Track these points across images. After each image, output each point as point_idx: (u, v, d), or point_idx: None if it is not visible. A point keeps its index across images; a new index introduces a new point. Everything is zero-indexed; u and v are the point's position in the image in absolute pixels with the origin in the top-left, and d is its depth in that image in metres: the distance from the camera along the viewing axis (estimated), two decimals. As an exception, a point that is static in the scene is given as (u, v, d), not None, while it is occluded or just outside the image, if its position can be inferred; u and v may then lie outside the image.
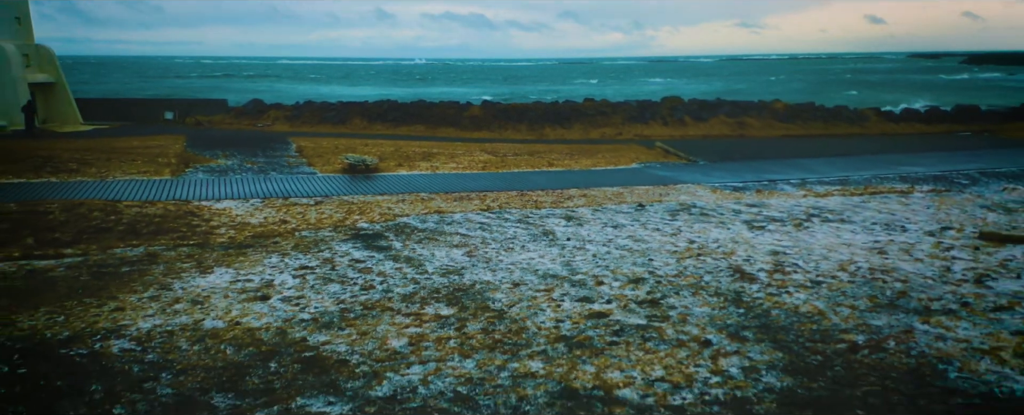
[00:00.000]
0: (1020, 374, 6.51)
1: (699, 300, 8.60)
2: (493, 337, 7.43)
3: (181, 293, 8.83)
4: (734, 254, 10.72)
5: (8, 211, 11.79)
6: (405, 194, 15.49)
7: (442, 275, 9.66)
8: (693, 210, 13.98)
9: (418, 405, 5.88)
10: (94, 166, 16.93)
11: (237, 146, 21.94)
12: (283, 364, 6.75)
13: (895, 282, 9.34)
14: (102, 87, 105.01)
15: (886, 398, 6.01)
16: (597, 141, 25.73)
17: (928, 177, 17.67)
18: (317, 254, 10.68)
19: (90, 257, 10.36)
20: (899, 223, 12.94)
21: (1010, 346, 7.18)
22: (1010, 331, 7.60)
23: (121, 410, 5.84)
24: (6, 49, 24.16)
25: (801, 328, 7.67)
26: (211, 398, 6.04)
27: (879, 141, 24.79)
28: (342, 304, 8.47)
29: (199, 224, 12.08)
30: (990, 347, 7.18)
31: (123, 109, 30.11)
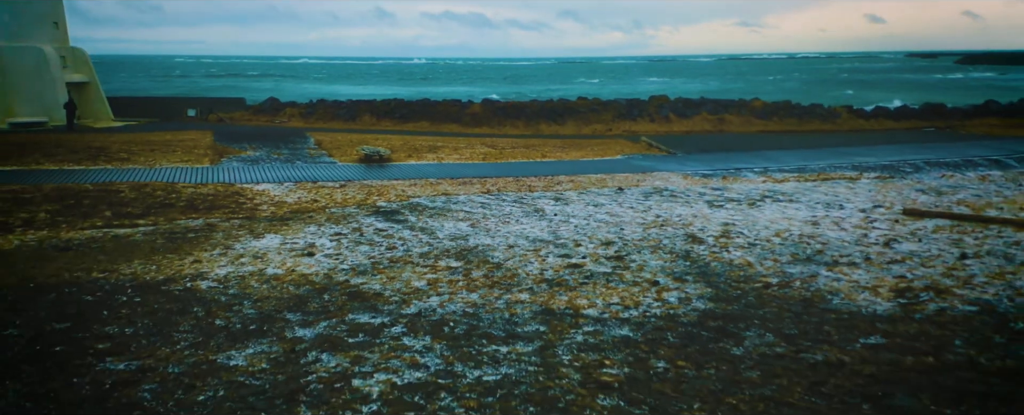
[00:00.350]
0: (885, 301, 8.72)
1: (655, 256, 10.80)
2: (492, 279, 9.64)
3: (242, 251, 11.04)
4: (691, 225, 12.92)
5: (86, 190, 13.98)
6: (415, 179, 17.69)
7: (451, 240, 11.86)
8: (664, 192, 16.18)
9: (437, 319, 8.09)
10: (141, 156, 19.15)
11: (261, 140, 24.15)
12: (333, 296, 8.95)
13: (817, 244, 11.55)
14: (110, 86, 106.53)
15: (780, 315, 8.22)
16: (588, 136, 27.92)
17: (878, 166, 19.86)
18: (347, 225, 12.88)
19: (160, 226, 12.57)
20: (839, 203, 15.14)
21: (888, 285, 9.39)
22: (893, 276, 9.81)
23: (222, 322, 8.05)
24: (46, 51, 26.42)
25: (730, 274, 9.88)
26: (284, 315, 8.24)
27: (847, 136, 26.99)
28: (372, 259, 10.67)
29: (244, 202, 14.29)
30: (872, 286, 9.39)
31: (148, 107, 32.33)
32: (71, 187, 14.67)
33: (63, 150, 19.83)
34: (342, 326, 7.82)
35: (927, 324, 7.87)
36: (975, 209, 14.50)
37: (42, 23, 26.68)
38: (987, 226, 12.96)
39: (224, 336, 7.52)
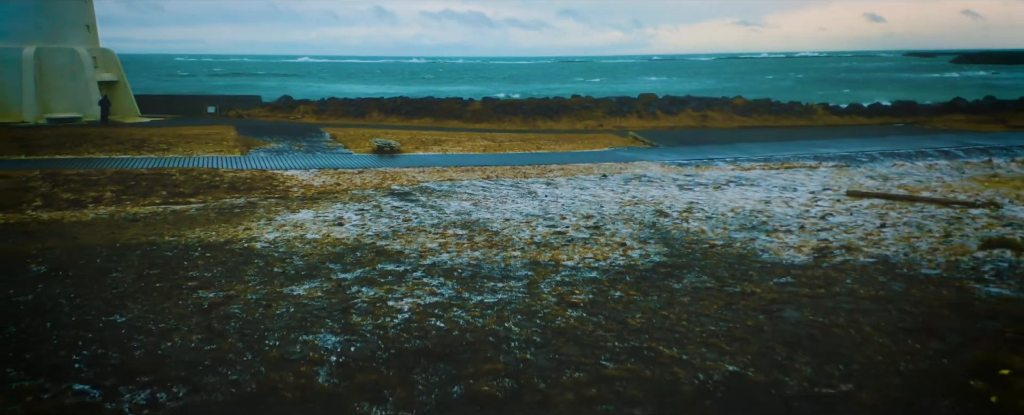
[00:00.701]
0: (804, 256, 10.93)
1: (626, 226, 13.02)
2: (491, 242, 11.84)
3: (283, 222, 13.25)
4: (661, 204, 15.13)
5: (142, 174, 16.16)
6: (423, 167, 19.89)
7: (456, 215, 14.06)
8: (643, 178, 18.40)
9: (448, 267, 10.29)
10: (178, 146, 21.36)
11: (281, 134, 26.36)
12: (363, 253, 11.15)
13: (764, 217, 13.76)
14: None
15: (716, 265, 10.42)
16: (581, 131, 30.10)
17: (838, 156, 22.05)
18: (367, 203, 15.09)
19: (209, 203, 14.79)
20: (793, 186, 17.35)
21: (810, 246, 11.61)
22: (818, 239, 12.02)
23: (279, 269, 10.25)
24: (79, 52, 28.64)
25: (685, 238, 12.09)
26: (327, 265, 10.44)
27: (819, 131, 29.17)
28: (392, 228, 12.88)
29: (277, 184, 16.51)
30: (798, 246, 11.60)
31: (170, 104, 34.53)
32: (129, 171, 16.88)
33: (110, 141, 22.07)
34: (374, 272, 10.03)
35: (830, 270, 10.09)
36: (911, 191, 16.71)
37: (75, 26, 28.92)
38: (914, 204, 15.18)
39: (283, 277, 9.74)
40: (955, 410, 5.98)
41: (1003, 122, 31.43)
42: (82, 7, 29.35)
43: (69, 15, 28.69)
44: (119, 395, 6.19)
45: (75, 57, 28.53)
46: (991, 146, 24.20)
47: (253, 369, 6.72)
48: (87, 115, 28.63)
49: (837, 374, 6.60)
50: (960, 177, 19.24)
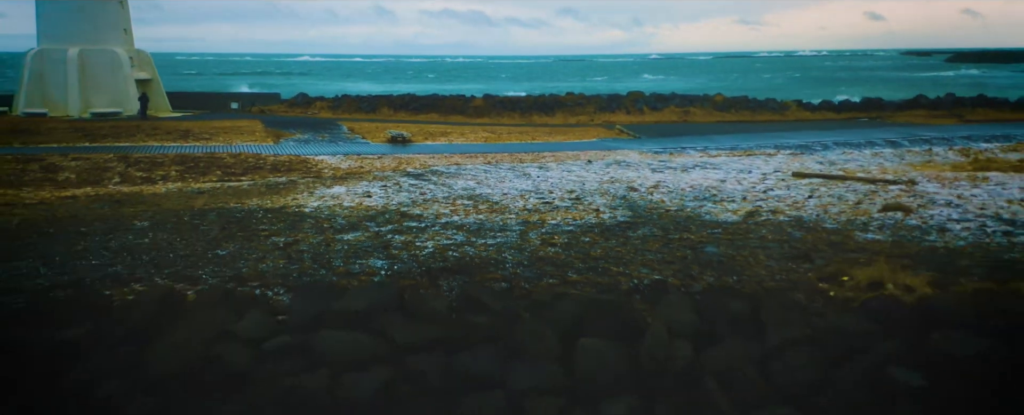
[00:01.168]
0: (737, 217, 13.88)
1: (602, 198, 15.98)
2: (492, 209, 14.80)
3: (322, 194, 16.21)
4: (634, 182, 18.09)
5: (198, 157, 19.13)
6: (433, 154, 22.85)
7: (463, 190, 17.02)
8: (622, 163, 21.36)
9: (459, 224, 13.25)
10: (219, 136, 24.34)
11: (303, 127, 29.32)
12: (391, 215, 14.11)
13: (715, 191, 16.72)
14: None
15: (666, 223, 13.37)
16: (573, 125, 33.06)
17: (797, 145, 25.01)
18: (388, 181, 18.05)
19: (258, 181, 17.76)
20: (749, 169, 20.30)
21: (745, 210, 14.57)
22: (752, 205, 14.98)
23: (327, 226, 13.21)
24: (118, 53, 31.59)
25: (647, 206, 15.05)
26: (364, 223, 13.40)
27: (789, 125, 32.11)
28: (411, 198, 15.85)
29: (311, 167, 19.49)
30: (735, 211, 14.56)
31: (197, 100, 37.50)
32: (186, 155, 19.83)
33: (160, 132, 25.04)
34: (401, 227, 13.01)
35: (752, 225, 13.07)
36: (847, 172, 19.67)
37: (114, 29, 31.86)
38: (845, 182, 18.14)
39: (332, 230, 12.71)
40: (802, 299, 8.97)
41: (959, 116, 34.38)
42: (120, 12, 32.33)
43: (108, 19, 31.67)
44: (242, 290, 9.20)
45: (115, 57, 31.53)
46: (936, 137, 27.16)
47: (328, 278, 9.71)
48: (126, 110, 31.61)
49: (730, 281, 9.59)
50: (898, 162, 22.19)
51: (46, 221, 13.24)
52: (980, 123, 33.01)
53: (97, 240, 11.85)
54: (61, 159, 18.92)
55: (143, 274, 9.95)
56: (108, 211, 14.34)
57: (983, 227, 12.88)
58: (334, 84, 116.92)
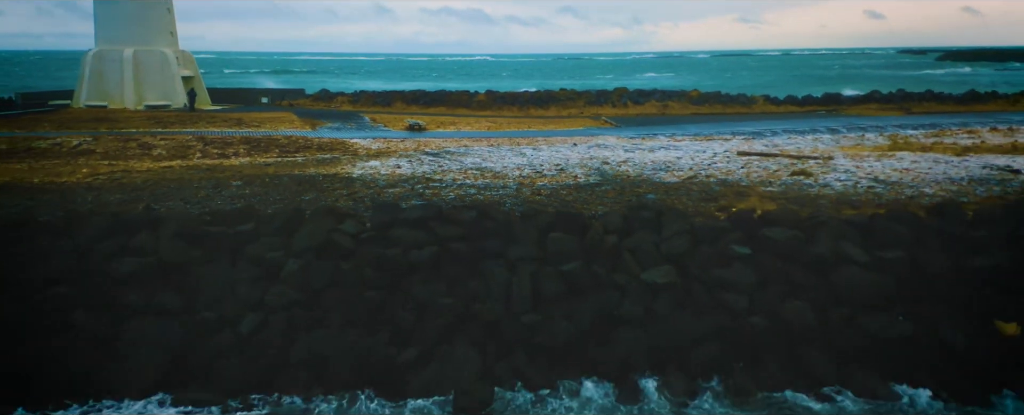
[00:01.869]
0: (676, 180, 18.45)
1: (581, 169, 20.55)
2: (495, 176, 19.37)
3: (362, 166, 20.79)
4: (608, 158, 22.67)
5: (258, 139, 23.74)
6: (445, 139, 27.38)
7: (471, 164, 21.58)
8: (601, 145, 25.93)
9: (471, 184, 17.84)
10: (265, 124, 28.90)
11: (331, 118, 33.84)
12: (418, 179, 18.69)
13: (670, 164, 21.29)
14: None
15: (624, 182, 17.96)
16: (565, 117, 37.55)
17: (751, 132, 29.51)
18: (412, 158, 22.61)
19: (309, 157, 22.33)
20: (704, 150, 24.86)
21: (685, 175, 19.14)
22: (692, 172, 19.55)
23: (374, 184, 17.80)
24: (167, 53, 36.16)
25: (614, 174, 19.63)
26: (400, 183, 17.99)
27: (754, 117, 36.61)
28: (432, 169, 20.42)
29: (347, 147, 24.06)
30: (679, 176, 19.15)
31: (230, 95, 42.03)
32: (248, 137, 24.39)
33: (218, 120, 29.61)
34: (428, 185, 17.60)
35: (686, 183, 17.65)
36: (782, 151, 24.22)
37: (163, 32, 36.39)
38: (775, 158, 22.69)
39: (376, 187, 17.29)
40: (692, 213, 13.52)
41: (905, 110, 38.89)
42: (168, 17, 36.86)
43: (158, 24, 36.20)
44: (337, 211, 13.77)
45: (164, 57, 36.08)
46: (872, 126, 31.69)
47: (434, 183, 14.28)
48: (174, 103, 36.18)
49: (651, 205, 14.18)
50: (832, 145, 26.71)
51: (164, 181, 17.83)
52: (923, 115, 37.52)
53: (212, 190, 16.45)
54: (151, 139, 23.49)
55: (260, 205, 14.52)
56: (204, 176, 18.92)
57: (856, 183, 17.50)
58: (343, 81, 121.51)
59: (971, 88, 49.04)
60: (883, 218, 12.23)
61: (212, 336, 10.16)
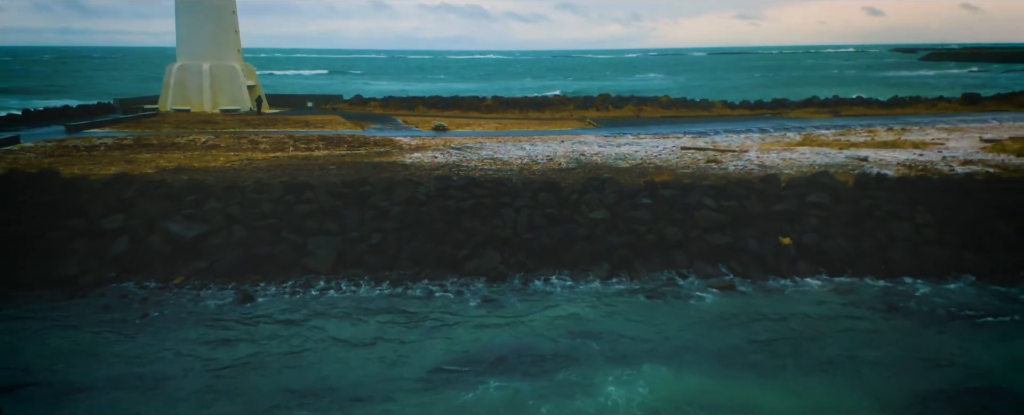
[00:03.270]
0: (629, 166, 27.19)
1: (564, 158, 29.27)
2: (503, 163, 28.07)
3: (409, 157, 29.50)
4: (584, 151, 31.37)
5: (329, 136, 32.48)
6: (464, 137, 36.02)
7: (486, 155, 30.27)
8: (581, 142, 34.61)
9: (487, 168, 26.57)
10: (326, 125, 37.46)
11: (370, 120, 42.42)
12: (452, 165, 27.40)
13: (628, 155, 30.00)
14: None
15: (596, 165, 26.70)
16: (557, 119, 46.19)
17: (699, 131, 38.11)
18: (443, 151, 31.29)
19: (368, 150, 31.05)
20: (657, 145, 33.55)
21: (636, 162, 27.87)
22: (641, 160, 28.27)
23: (422, 168, 26.55)
24: (236, 67, 44.79)
25: (587, 161, 28.34)
26: (437, 168, 26.71)
27: (710, 119, 45.21)
28: (458, 159, 29.12)
29: (395, 144, 32.76)
30: (630, 162, 27.88)
31: (281, 100, 50.64)
32: (322, 135, 33.07)
33: (292, 123, 38.28)
34: (459, 170, 26.33)
35: (632, 166, 26.38)
36: (714, 146, 32.89)
37: (232, 49, 44.94)
38: (705, 151, 31.39)
39: (426, 170, 26.02)
40: (627, 181, 22.23)
41: (836, 113, 47.52)
42: (235, 38, 45.42)
43: (229, 43, 44.78)
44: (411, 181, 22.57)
45: (233, 70, 44.67)
46: (796, 126, 40.34)
47: (464, 167, 23.03)
48: (242, 107, 44.78)
49: (601, 178, 22.92)
50: (757, 142, 35.41)
51: (281, 167, 26.49)
52: (849, 116, 46.16)
53: (320, 171, 25.16)
54: (254, 137, 32.21)
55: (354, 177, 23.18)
56: (306, 163, 27.60)
57: (746, 167, 26.21)
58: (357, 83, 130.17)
59: (919, 91, 57.82)
60: (731, 183, 20.90)
61: (357, 244, 18.75)
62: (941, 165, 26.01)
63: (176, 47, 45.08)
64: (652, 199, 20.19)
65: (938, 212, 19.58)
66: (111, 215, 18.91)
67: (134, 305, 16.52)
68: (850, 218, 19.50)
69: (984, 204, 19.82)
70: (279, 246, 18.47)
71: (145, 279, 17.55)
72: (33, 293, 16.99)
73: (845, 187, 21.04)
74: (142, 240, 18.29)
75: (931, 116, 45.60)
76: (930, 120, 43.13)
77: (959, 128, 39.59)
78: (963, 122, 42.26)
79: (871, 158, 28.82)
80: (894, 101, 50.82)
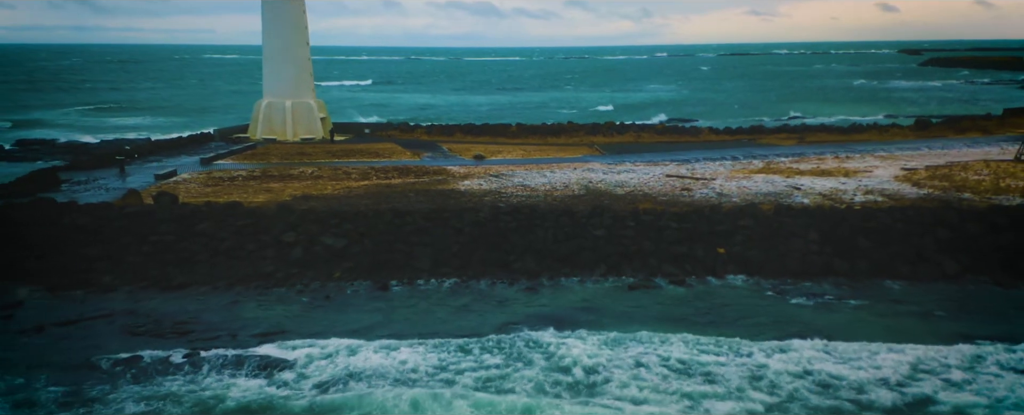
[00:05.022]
0: (624, 192, 37.51)
1: (576, 185, 39.62)
2: (532, 189, 38.45)
3: (460, 184, 39.94)
4: (591, 179, 41.71)
5: (398, 167, 42.91)
6: (499, 166, 46.34)
7: (518, 183, 40.62)
8: (590, 170, 44.94)
9: (520, 195, 36.99)
10: (393, 155, 47.94)
11: (421, 147, 52.79)
12: (493, 191, 37.81)
13: (624, 183, 40.34)
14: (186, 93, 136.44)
15: (599, 191, 37.05)
16: (570, 144, 56.41)
17: (684, 159, 48.16)
18: (484, 179, 41.65)
19: (431, 178, 41.54)
20: (648, 173, 43.83)
21: (630, 187, 38.20)
22: (634, 187, 38.60)
23: (476, 193, 37.02)
24: (311, 103, 55.42)
25: (593, 187, 38.71)
26: (486, 194, 37.14)
27: (697, 144, 55.23)
28: (499, 186, 39.52)
29: (447, 172, 43.18)
30: (625, 188, 38.22)
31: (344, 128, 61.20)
32: (394, 167, 43.50)
33: (365, 153, 48.83)
34: (500, 196, 36.79)
35: (626, 193, 36.73)
36: (692, 174, 43.09)
37: (309, 90, 55.49)
38: (683, 179, 41.65)
39: (477, 196, 36.49)
40: (618, 208, 32.56)
41: (801, 139, 57.41)
42: (311, 80, 56.04)
43: (306, 85, 55.37)
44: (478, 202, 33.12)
45: (309, 106, 55.24)
46: (762, 153, 50.34)
47: (503, 194, 33.50)
48: (316, 136, 55.37)
49: (606, 202, 33.30)
50: (728, 169, 45.60)
51: (374, 194, 36.97)
52: (812, 144, 56.12)
53: (404, 196, 35.65)
54: (345, 169, 42.75)
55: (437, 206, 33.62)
56: (389, 190, 38.08)
57: (706, 195, 36.45)
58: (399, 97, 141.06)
59: (897, 106, 67.71)
60: (692, 211, 31.19)
61: (444, 252, 29.14)
62: (846, 195, 36.14)
63: (263, 86, 55.83)
64: (635, 222, 30.47)
65: (823, 232, 29.73)
66: (287, 232, 29.43)
67: (315, 291, 27.07)
68: (764, 236, 29.69)
69: (855, 226, 29.96)
70: (395, 253, 28.95)
71: (316, 276, 28.08)
72: (246, 285, 27.53)
73: (765, 214, 31.24)
74: (309, 249, 28.82)
75: (880, 144, 55.47)
76: (874, 148, 53.08)
77: (892, 156, 49.66)
78: (900, 150, 52.26)
79: (804, 187, 38.92)
80: (853, 128, 60.74)
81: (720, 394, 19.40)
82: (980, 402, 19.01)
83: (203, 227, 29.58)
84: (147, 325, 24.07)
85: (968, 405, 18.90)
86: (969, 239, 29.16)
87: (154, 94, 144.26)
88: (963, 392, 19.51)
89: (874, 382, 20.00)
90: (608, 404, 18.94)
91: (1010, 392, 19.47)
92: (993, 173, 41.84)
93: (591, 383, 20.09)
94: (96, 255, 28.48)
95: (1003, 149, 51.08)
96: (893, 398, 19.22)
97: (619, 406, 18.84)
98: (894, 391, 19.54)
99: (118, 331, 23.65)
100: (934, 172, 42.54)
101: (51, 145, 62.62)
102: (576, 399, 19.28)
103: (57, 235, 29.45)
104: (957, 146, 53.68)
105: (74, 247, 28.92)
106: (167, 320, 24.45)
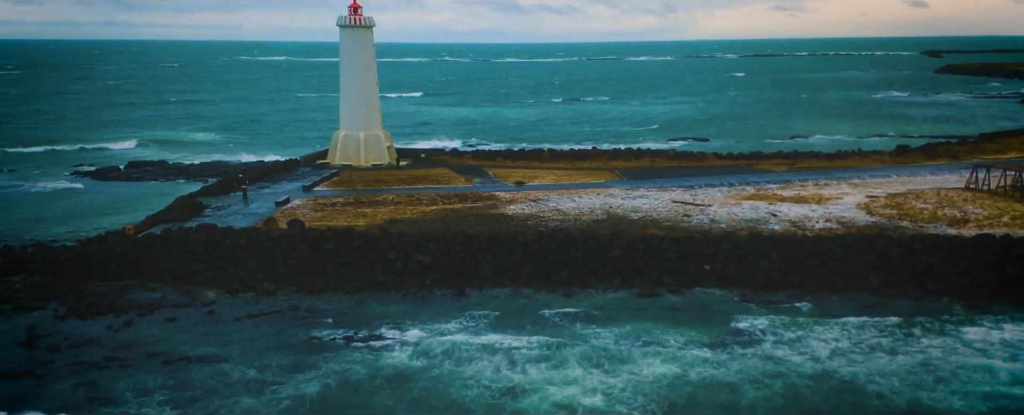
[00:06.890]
0: (637, 217, 48.25)
1: (599, 210, 50.36)
2: (564, 213, 49.26)
3: (507, 209, 50.89)
4: (612, 205, 52.43)
5: (457, 194, 53.99)
6: (536, 191, 57.08)
7: (552, 207, 51.47)
8: (611, 195, 55.63)
9: (556, 219, 47.88)
10: (451, 182, 58.96)
11: (470, 173, 63.75)
12: (533, 215, 48.70)
13: (638, 208, 51.01)
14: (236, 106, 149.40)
15: (615, 216, 47.81)
16: (594, 169, 67.04)
17: (689, 185, 58.42)
18: (526, 203, 52.54)
19: (483, 203, 52.56)
20: (659, 198, 54.45)
21: (643, 213, 48.95)
22: (646, 212, 49.32)
23: (524, 216, 48.03)
24: (380, 134, 66.83)
25: (613, 212, 49.45)
26: (532, 218, 48.07)
27: (704, 169, 65.47)
28: (536, 211, 50.39)
29: (495, 198, 54.14)
30: (639, 213, 48.94)
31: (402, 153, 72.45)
32: (457, 193, 54.51)
33: (426, 180, 60.02)
34: (540, 219, 47.73)
35: (640, 218, 47.44)
36: (694, 199, 53.63)
37: (377, 123, 67.03)
38: (685, 204, 52.21)
39: (522, 220, 47.46)
40: (626, 230, 43.30)
41: (792, 165, 67.35)
42: (378, 114, 67.58)
43: (376, 119, 66.89)
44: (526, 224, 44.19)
45: (378, 136, 66.67)
46: (755, 180, 60.51)
47: (542, 218, 44.48)
48: (384, 162, 66.81)
49: (624, 226, 44.11)
50: (724, 195, 56.04)
51: (443, 219, 48.05)
52: (801, 170, 66.12)
53: (466, 219, 46.73)
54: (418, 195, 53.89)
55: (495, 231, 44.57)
56: (454, 215, 49.16)
57: (704, 219, 47.03)
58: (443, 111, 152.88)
59: (895, 123, 77.50)
60: (687, 236, 41.77)
61: (501, 266, 40.00)
62: (810, 222, 46.47)
63: (339, 120, 67.51)
64: (644, 245, 41.21)
65: (783, 254, 40.21)
66: (389, 251, 40.65)
67: (414, 294, 38.28)
68: (739, 257, 40.23)
69: (807, 250, 40.39)
70: (467, 266, 40.02)
71: (413, 283, 39.25)
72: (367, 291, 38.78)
73: (742, 239, 41.80)
74: (406, 263, 39.99)
75: (858, 171, 65.19)
76: (852, 175, 62.94)
77: (864, 184, 59.65)
78: (874, 177, 62.15)
79: (781, 213, 49.24)
80: (838, 154, 70.65)
81: (705, 364, 30.29)
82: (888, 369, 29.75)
83: (330, 247, 40.93)
84: (309, 318, 35.44)
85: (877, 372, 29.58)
86: (890, 260, 39.48)
87: (215, 108, 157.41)
88: (874, 354, 30.34)
89: (811, 358, 30.78)
90: (625, 370, 29.85)
91: (892, 356, 30.22)
92: (938, 202, 51.76)
93: (612, 357, 30.99)
94: (256, 267, 39.97)
95: (960, 176, 60.66)
96: (820, 367, 29.97)
97: (634, 371, 29.75)
98: (821, 363, 30.26)
99: (289, 322, 35.03)
100: (891, 200, 52.59)
101: (162, 166, 75.01)
102: (601, 368, 30.18)
103: (224, 253, 40.97)
104: (924, 173, 63.47)
105: (237, 261, 40.42)
106: (320, 314, 35.80)
